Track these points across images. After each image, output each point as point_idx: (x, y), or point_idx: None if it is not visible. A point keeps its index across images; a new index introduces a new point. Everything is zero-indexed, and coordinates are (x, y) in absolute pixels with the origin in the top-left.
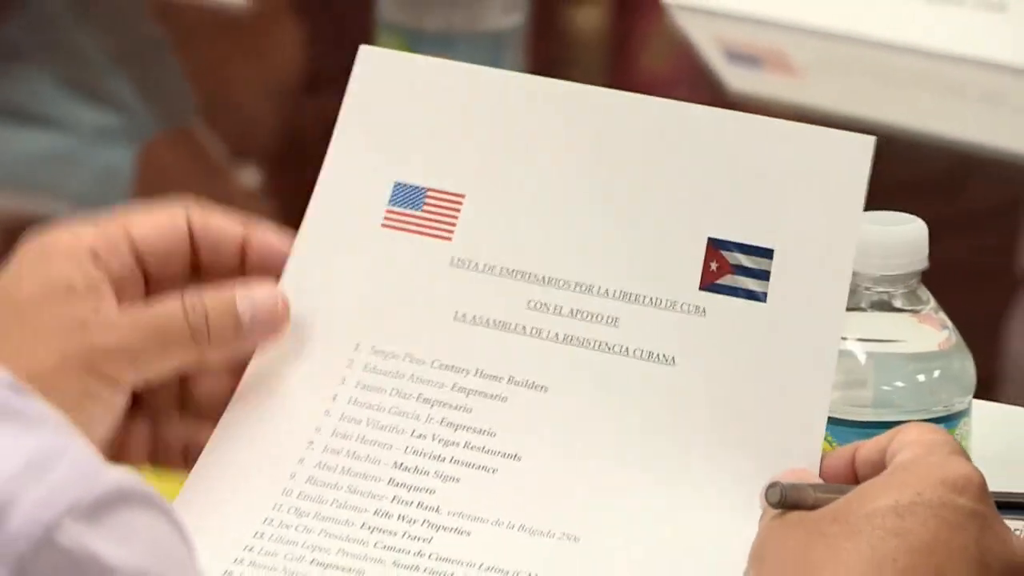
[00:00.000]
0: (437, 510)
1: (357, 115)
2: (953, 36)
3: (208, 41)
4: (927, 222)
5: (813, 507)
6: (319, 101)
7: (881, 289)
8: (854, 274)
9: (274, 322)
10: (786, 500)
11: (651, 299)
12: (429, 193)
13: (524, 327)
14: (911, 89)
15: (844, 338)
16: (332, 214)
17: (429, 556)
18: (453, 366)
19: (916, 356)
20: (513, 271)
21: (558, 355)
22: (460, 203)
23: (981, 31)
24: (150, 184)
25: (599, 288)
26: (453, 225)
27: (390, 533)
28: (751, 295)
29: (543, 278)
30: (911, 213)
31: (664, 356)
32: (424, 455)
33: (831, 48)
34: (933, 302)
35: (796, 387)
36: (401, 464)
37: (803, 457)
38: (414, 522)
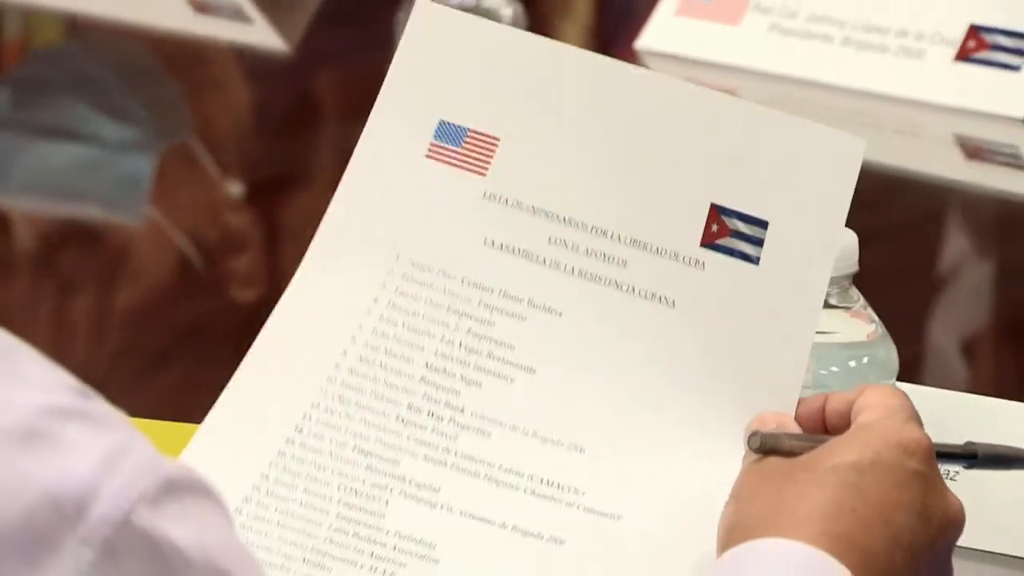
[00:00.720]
0: (462, 411)
1: (409, 60)
2: (879, 78)
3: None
4: (857, 233)
5: (788, 454)
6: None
7: None
8: None
9: None
10: (765, 447)
11: (657, 248)
12: (470, 132)
13: (544, 259)
14: (844, 122)
15: None
16: (382, 142)
17: (455, 453)
18: (480, 284)
19: (848, 345)
20: (538, 209)
21: (572, 286)
22: (496, 144)
23: (903, 74)
24: (160, 191)
25: (612, 233)
26: (488, 163)
27: (420, 427)
28: (745, 257)
29: (564, 218)
30: (845, 226)
31: (665, 299)
32: (451, 359)
33: (777, 88)
34: (862, 300)
35: (780, 339)
36: (431, 365)
37: (782, 401)
38: (441, 419)
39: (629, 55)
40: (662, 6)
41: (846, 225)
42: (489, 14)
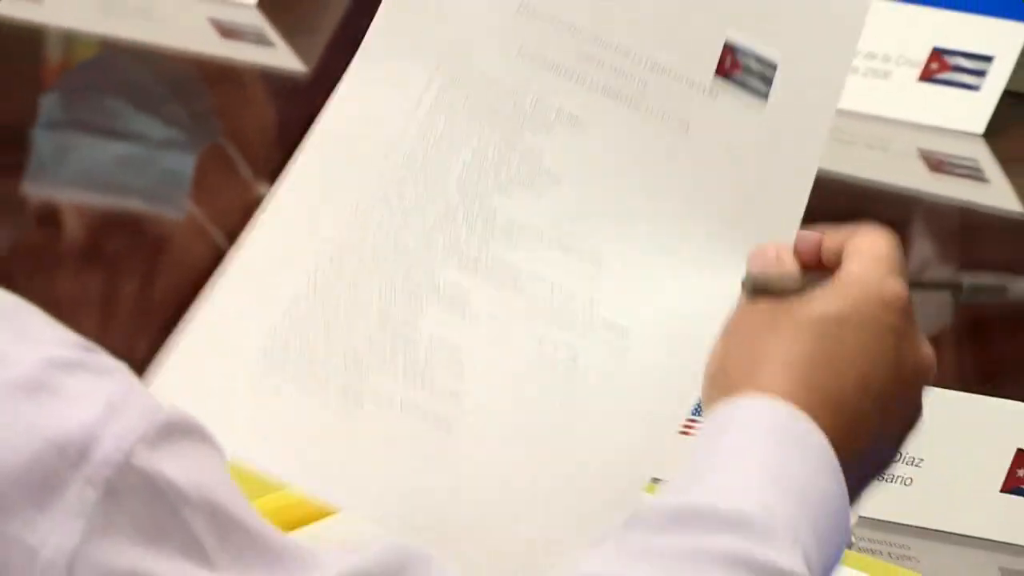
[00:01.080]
0: (494, 217)
1: None
2: (850, 97)
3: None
4: None
5: (779, 294)
6: None
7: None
8: None
9: None
10: (757, 287)
11: (675, 73)
12: None
13: (574, 73)
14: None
15: None
16: None
17: (486, 259)
18: (515, 91)
19: None
20: (568, 24)
21: (597, 102)
22: None
23: (871, 93)
24: (199, 186)
25: (635, 55)
26: None
27: (455, 233)
28: (755, 91)
29: (593, 35)
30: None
31: (680, 121)
32: (485, 166)
33: None
34: None
35: (784, 173)
36: (466, 170)
37: (782, 233)
38: (475, 226)
39: None
40: None
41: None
42: None
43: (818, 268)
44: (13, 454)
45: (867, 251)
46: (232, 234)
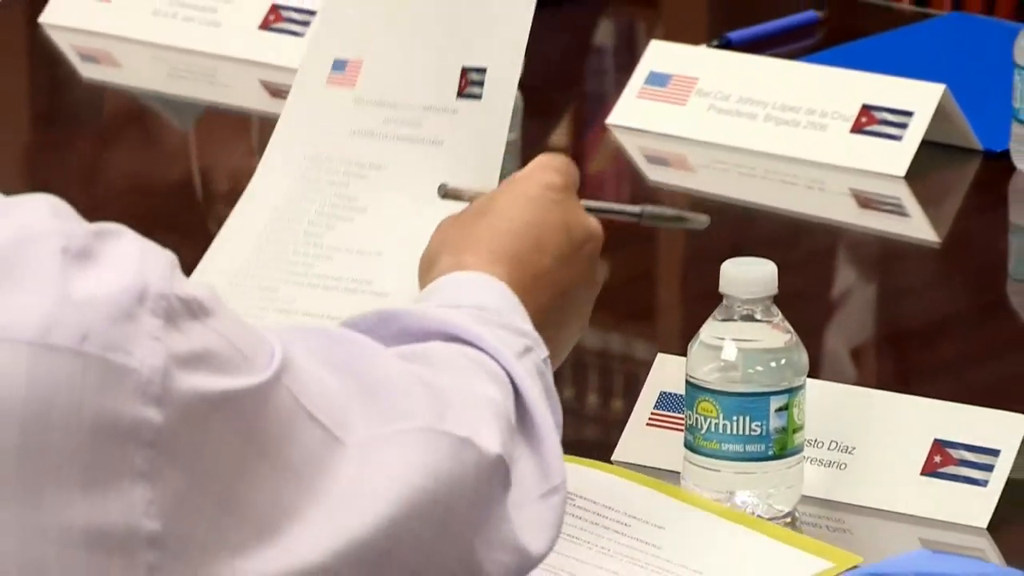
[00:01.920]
0: (321, 246)
1: (320, 31)
2: (792, 146)
3: None
4: (776, 264)
5: (469, 200)
6: None
7: (747, 307)
8: (729, 296)
9: None
10: (449, 194)
11: (434, 107)
12: (349, 62)
13: (379, 133)
14: (765, 179)
15: (722, 339)
16: (304, 77)
17: (312, 275)
18: (343, 159)
19: (769, 350)
20: (378, 101)
21: (392, 147)
22: (360, 65)
23: (810, 142)
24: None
25: (410, 105)
26: (356, 78)
27: (296, 261)
28: (477, 96)
29: (389, 103)
30: (767, 259)
31: (435, 140)
32: (322, 214)
33: (715, 153)
34: (780, 315)
35: (489, 139)
36: (311, 220)
37: (489, 178)
38: (307, 255)
39: (601, 129)
40: (627, 91)
41: (769, 258)
42: None
43: None
44: (104, 300)
45: (536, 160)
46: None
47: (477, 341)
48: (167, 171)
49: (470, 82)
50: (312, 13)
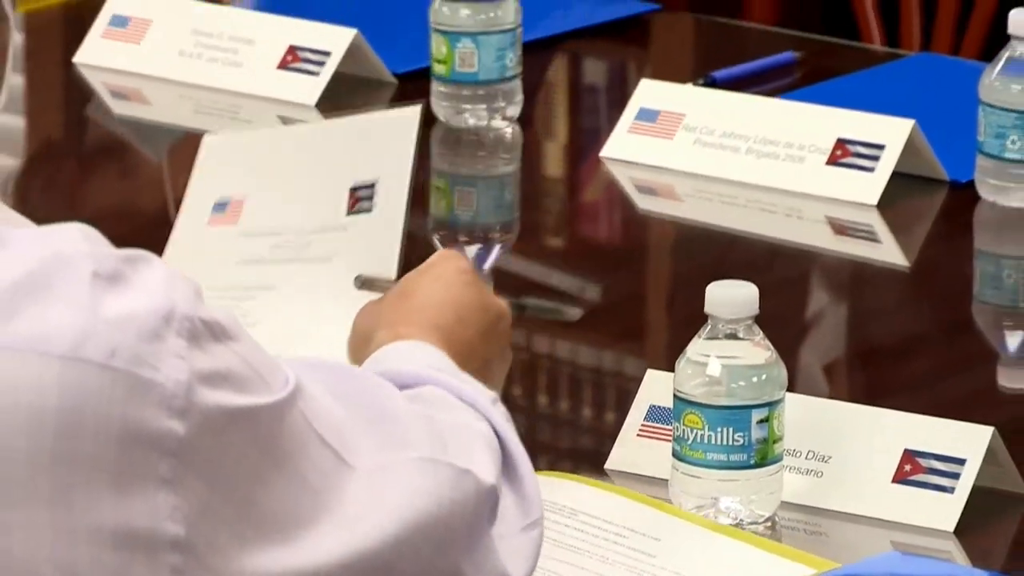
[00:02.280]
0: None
1: (200, 170)
2: (772, 177)
3: None
4: (758, 286)
5: (382, 290)
6: None
7: (730, 326)
8: (714, 316)
9: None
10: (365, 285)
11: (323, 227)
12: (231, 201)
13: (268, 259)
14: (747, 207)
15: (707, 356)
16: (185, 219)
17: None
18: (236, 286)
19: (751, 366)
20: (264, 232)
21: (281, 268)
22: (243, 203)
23: (789, 174)
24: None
25: (301, 229)
26: (239, 216)
27: None
28: (367, 210)
29: (279, 229)
30: (749, 281)
31: (326, 256)
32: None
33: (701, 184)
34: (761, 334)
35: (385, 247)
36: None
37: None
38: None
39: (595, 161)
40: (619, 126)
41: (751, 281)
42: (495, 131)
43: None
44: (133, 319)
45: (438, 253)
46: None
47: (456, 391)
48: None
49: (359, 199)
50: (327, 54)
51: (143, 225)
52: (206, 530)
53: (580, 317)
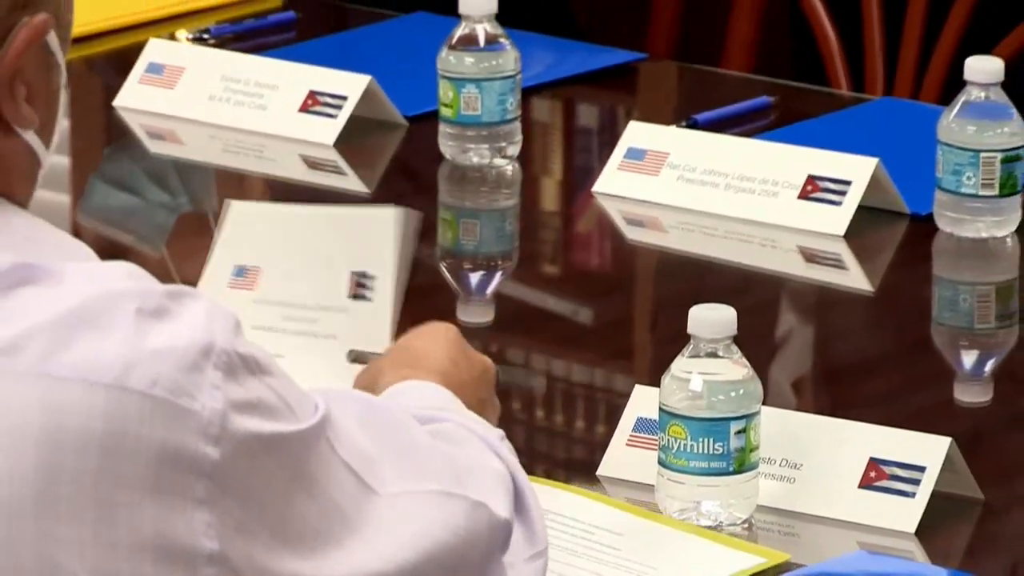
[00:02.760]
0: None
1: (223, 236)
2: (749, 210)
3: None
4: (736, 309)
5: (371, 359)
6: None
7: (711, 346)
8: (696, 336)
9: None
10: (358, 359)
11: (329, 307)
12: (248, 269)
13: (280, 328)
14: (726, 238)
15: (690, 373)
16: (207, 285)
17: None
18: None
19: (731, 382)
20: (276, 302)
21: (293, 340)
22: (259, 272)
23: (764, 207)
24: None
25: (308, 304)
26: (256, 283)
27: None
28: (369, 299)
29: (287, 303)
30: (728, 305)
31: (330, 335)
32: None
33: (683, 217)
34: (739, 353)
35: (382, 323)
36: None
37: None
38: None
39: (588, 196)
40: (609, 164)
41: (730, 304)
42: (497, 168)
43: None
44: (174, 352)
45: (426, 324)
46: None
47: (469, 428)
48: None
49: (359, 285)
50: (344, 98)
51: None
52: (239, 545)
53: (544, 387)
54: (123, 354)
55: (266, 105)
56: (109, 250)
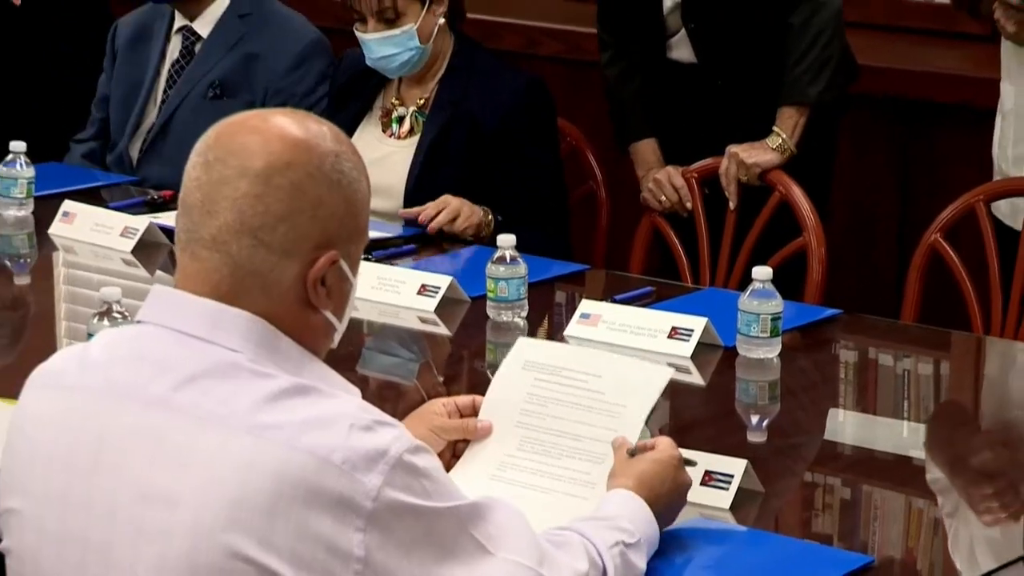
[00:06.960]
0: None
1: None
2: (641, 342)
3: None
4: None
5: (632, 455)
6: None
7: None
8: None
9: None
10: (634, 453)
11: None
12: None
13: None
14: (627, 349)
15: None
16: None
17: None
18: None
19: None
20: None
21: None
22: None
23: (649, 341)
24: None
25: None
26: None
27: None
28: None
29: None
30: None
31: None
32: None
33: (607, 344)
34: None
35: (632, 423)
36: None
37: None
38: None
39: (561, 339)
40: (572, 321)
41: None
42: (515, 322)
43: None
44: (363, 448)
45: (665, 446)
46: None
47: (591, 537)
48: None
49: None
50: (438, 288)
51: None
52: (380, 558)
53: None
54: (334, 444)
55: (400, 292)
56: None
